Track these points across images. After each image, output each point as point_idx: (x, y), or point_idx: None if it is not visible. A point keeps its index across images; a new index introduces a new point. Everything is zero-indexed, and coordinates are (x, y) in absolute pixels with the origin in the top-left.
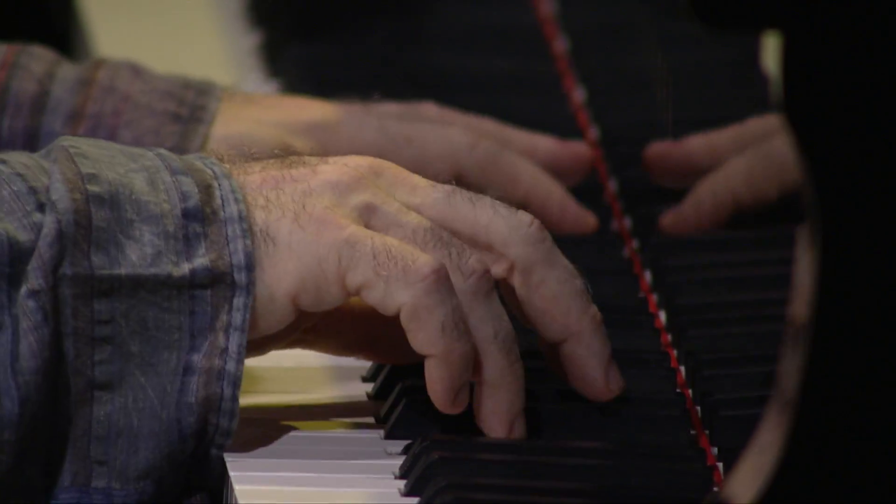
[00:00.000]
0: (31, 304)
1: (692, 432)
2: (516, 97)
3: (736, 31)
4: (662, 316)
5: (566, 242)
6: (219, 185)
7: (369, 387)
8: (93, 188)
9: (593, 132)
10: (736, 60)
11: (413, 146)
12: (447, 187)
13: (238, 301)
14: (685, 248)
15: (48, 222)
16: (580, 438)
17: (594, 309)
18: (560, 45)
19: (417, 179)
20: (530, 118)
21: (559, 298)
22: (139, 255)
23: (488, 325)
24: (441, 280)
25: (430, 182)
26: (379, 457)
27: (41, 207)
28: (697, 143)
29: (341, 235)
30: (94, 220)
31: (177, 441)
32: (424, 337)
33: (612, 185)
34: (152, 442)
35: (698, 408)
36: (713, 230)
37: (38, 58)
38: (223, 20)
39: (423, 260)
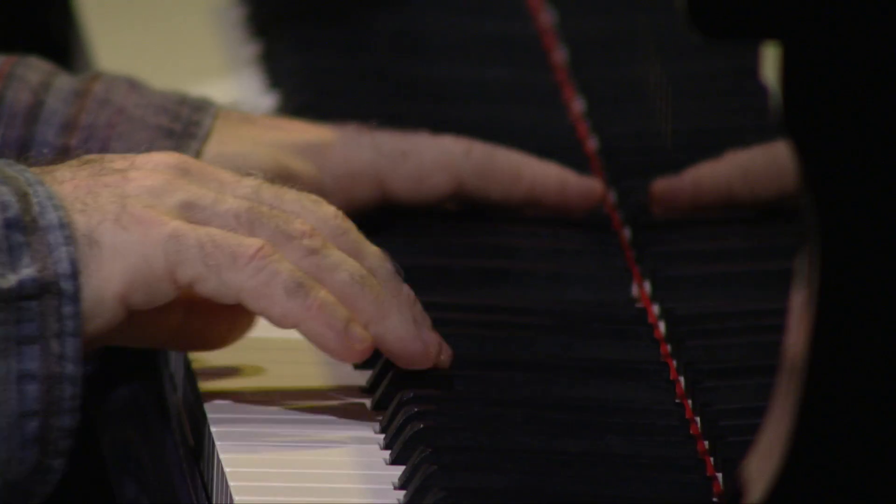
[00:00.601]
0: None
1: (692, 442)
2: (516, 107)
3: (735, 41)
4: (662, 326)
5: (567, 252)
6: (34, 191)
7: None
8: None
9: (592, 142)
10: (734, 71)
11: (409, 160)
12: (253, 182)
13: (67, 310)
14: (684, 258)
15: None
16: (580, 447)
17: (407, 289)
18: (559, 55)
19: (223, 175)
20: (530, 128)
21: (371, 287)
22: None
23: (339, 273)
24: (268, 254)
25: (236, 176)
26: (364, 427)
27: None
28: (704, 177)
29: (165, 231)
30: None
31: (17, 447)
32: (278, 310)
33: (611, 196)
34: None
35: (698, 418)
36: (713, 240)
37: (34, 68)
38: (223, 30)
39: (248, 242)
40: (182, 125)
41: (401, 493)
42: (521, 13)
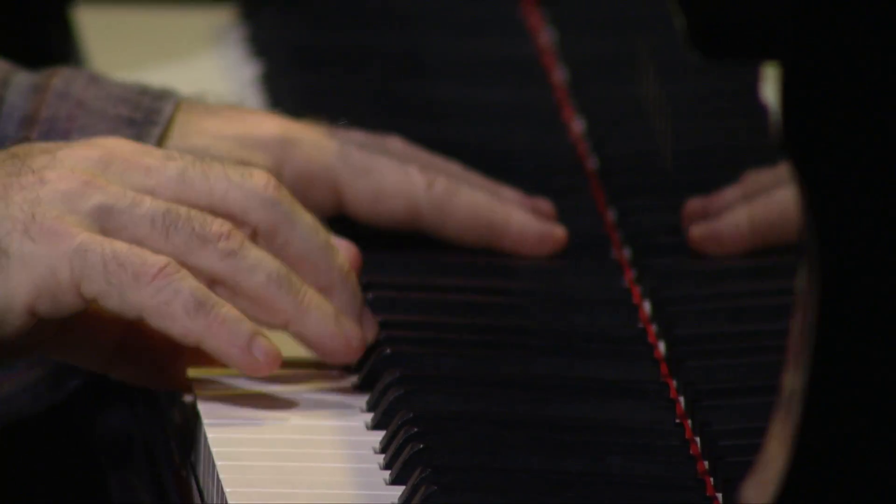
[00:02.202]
0: None
1: (692, 463)
2: (516, 127)
3: (735, 61)
4: (662, 346)
5: (567, 272)
6: None
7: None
8: None
9: (592, 162)
10: (733, 91)
11: (370, 178)
12: (179, 163)
13: None
14: (684, 278)
15: None
16: (579, 467)
17: (341, 259)
18: (559, 75)
19: (149, 160)
20: (530, 148)
21: (306, 255)
22: None
23: (256, 275)
24: (170, 272)
25: (162, 159)
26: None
27: None
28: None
29: (72, 244)
30: None
31: None
32: (179, 328)
33: (610, 215)
34: None
35: (697, 438)
36: (713, 260)
37: None
38: (223, 50)
39: (151, 260)
40: (143, 113)
41: None
42: (521, 33)
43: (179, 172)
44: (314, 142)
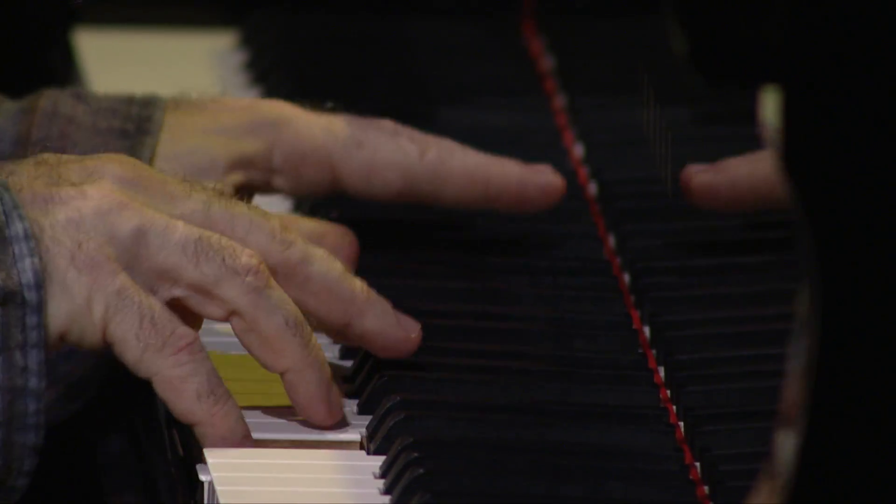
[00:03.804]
0: None
1: (692, 488)
2: (516, 152)
3: (736, 85)
4: (661, 371)
5: (566, 297)
6: (1, 198)
7: (345, 369)
8: None
9: (592, 187)
10: (733, 116)
11: (363, 151)
12: (203, 196)
13: (31, 320)
14: (684, 303)
15: None
16: (580, 493)
17: (359, 284)
18: (560, 100)
19: (173, 188)
20: None
21: (328, 288)
22: None
23: (277, 315)
24: (195, 350)
25: (187, 190)
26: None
27: None
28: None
29: (113, 286)
30: None
31: None
32: (183, 407)
33: (610, 241)
34: None
35: (697, 463)
36: (712, 285)
37: None
38: (223, 75)
39: (181, 332)
40: (135, 123)
41: None
42: (522, 58)
43: (204, 205)
44: (304, 121)
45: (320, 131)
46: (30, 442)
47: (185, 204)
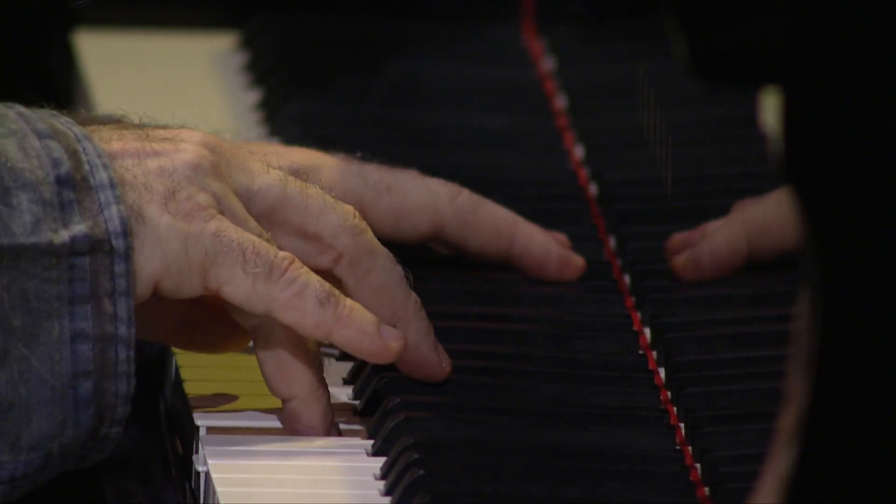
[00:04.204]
0: None
1: (692, 489)
2: (517, 154)
3: (737, 86)
4: (662, 373)
5: (567, 299)
6: (83, 148)
7: (344, 371)
8: None
9: (592, 189)
10: (734, 118)
11: (393, 195)
12: (280, 174)
13: (119, 268)
14: (685, 305)
15: None
16: (580, 494)
17: (414, 295)
18: (560, 102)
19: (252, 163)
20: (531, 175)
21: (386, 286)
22: (19, 223)
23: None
24: (297, 266)
25: (264, 167)
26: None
27: None
28: (721, 246)
29: (209, 228)
30: None
31: (71, 409)
32: (310, 320)
33: (611, 242)
34: (45, 410)
35: (698, 465)
36: (713, 287)
37: None
38: (223, 77)
39: (282, 255)
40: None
41: None
42: (522, 61)
43: (281, 183)
44: (334, 166)
45: (352, 177)
46: (122, 390)
47: (262, 178)
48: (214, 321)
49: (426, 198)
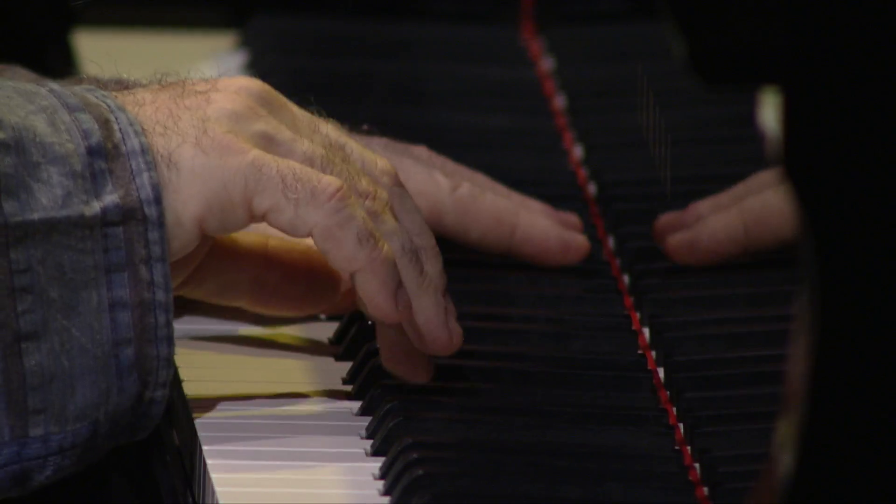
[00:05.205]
0: None
1: (691, 489)
2: (517, 154)
3: (736, 86)
4: (661, 373)
5: (566, 298)
6: (116, 118)
7: (343, 371)
8: None
9: (591, 189)
10: (732, 117)
11: None
12: (327, 126)
13: (153, 234)
14: (683, 305)
15: None
16: (579, 494)
17: (440, 267)
18: (559, 102)
19: (299, 113)
20: (530, 175)
21: (422, 248)
22: (50, 197)
23: (392, 240)
24: (345, 195)
25: (311, 118)
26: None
27: None
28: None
29: (246, 159)
30: (1, 167)
31: (114, 376)
32: (345, 253)
33: (610, 242)
34: (88, 379)
35: (697, 465)
36: (711, 286)
37: (20, 75)
38: (221, 75)
39: (328, 180)
40: None
41: None
42: (522, 61)
43: (327, 135)
44: None
45: None
46: (163, 353)
47: (308, 129)
48: (288, 281)
49: (426, 187)
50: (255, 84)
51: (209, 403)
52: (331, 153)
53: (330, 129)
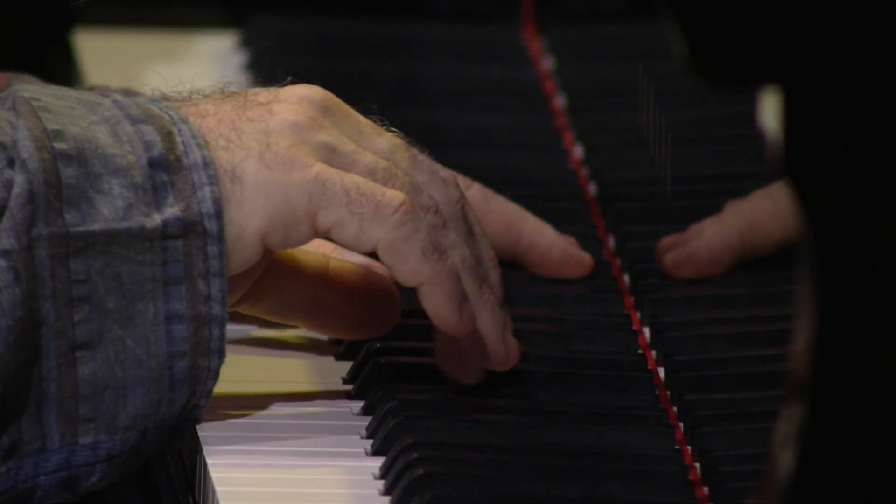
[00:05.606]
0: (2, 263)
1: (691, 489)
2: (517, 154)
3: (736, 85)
4: (661, 372)
5: (566, 298)
6: (178, 130)
7: (343, 371)
8: (59, 145)
9: (591, 188)
10: (733, 117)
11: None
12: (391, 139)
13: (212, 249)
14: (684, 304)
15: (19, 182)
16: (579, 494)
17: (499, 280)
18: (559, 102)
19: (363, 123)
20: (530, 175)
21: (485, 266)
22: (111, 208)
23: (453, 255)
24: (409, 210)
25: (375, 128)
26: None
27: (11, 163)
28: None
29: (310, 174)
30: (63, 177)
31: (167, 388)
32: (410, 267)
33: (610, 242)
34: (140, 390)
35: (697, 464)
36: (712, 286)
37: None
38: (223, 76)
39: (392, 194)
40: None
41: None
42: (522, 60)
43: (391, 147)
44: None
45: None
46: (214, 365)
47: (371, 140)
48: (347, 303)
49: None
50: (318, 93)
51: (210, 405)
52: (393, 165)
53: (392, 139)
